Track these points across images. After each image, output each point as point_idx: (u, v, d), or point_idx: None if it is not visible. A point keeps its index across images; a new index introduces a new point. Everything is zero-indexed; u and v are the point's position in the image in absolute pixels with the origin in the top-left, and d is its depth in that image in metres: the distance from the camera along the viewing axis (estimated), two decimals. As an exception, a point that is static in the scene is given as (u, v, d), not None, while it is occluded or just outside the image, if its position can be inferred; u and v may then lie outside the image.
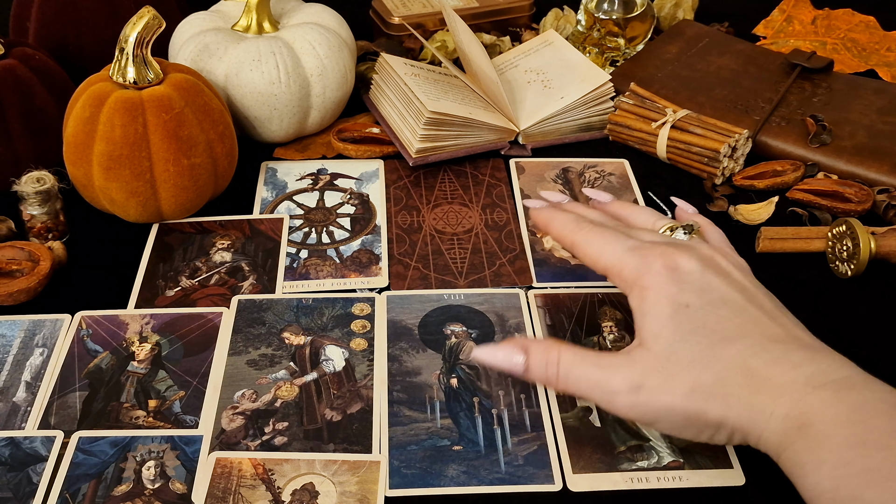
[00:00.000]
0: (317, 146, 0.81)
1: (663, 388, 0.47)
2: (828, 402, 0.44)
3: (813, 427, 0.44)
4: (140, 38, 0.65)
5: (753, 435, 0.46)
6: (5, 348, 0.60)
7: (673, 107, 0.78)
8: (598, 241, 0.54)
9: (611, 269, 0.53)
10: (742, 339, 0.48)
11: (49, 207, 0.67)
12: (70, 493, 0.51)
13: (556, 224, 0.57)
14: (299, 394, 0.58)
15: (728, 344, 0.47)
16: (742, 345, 0.47)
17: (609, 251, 0.53)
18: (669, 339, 0.48)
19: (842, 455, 0.42)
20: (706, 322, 0.48)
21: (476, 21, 0.93)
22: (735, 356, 0.47)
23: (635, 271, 0.51)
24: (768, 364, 0.46)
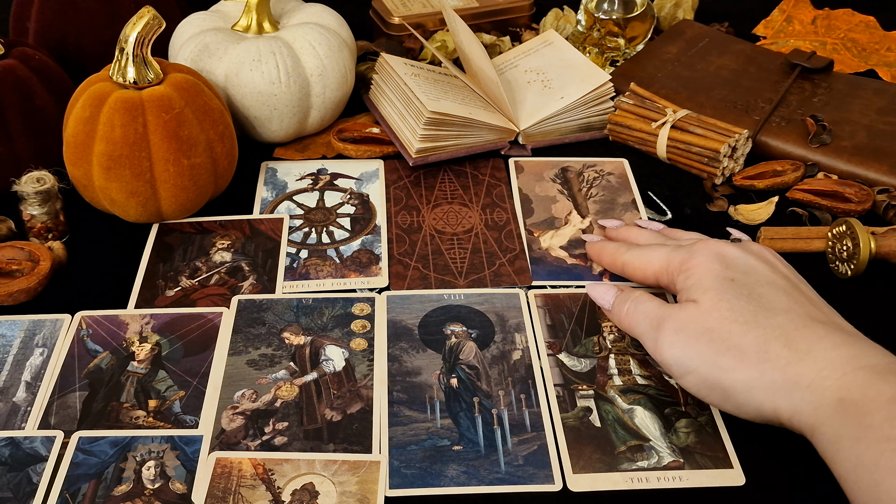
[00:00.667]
0: (317, 146, 0.81)
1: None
2: (869, 382, 0.45)
3: (854, 403, 0.45)
4: (140, 38, 0.65)
5: (786, 407, 0.47)
6: (5, 348, 0.60)
7: (673, 107, 0.78)
8: (645, 254, 0.59)
9: (659, 270, 0.57)
10: (786, 314, 0.50)
11: (49, 207, 0.67)
12: (70, 493, 0.51)
13: (606, 254, 0.63)
14: (299, 394, 0.58)
15: (771, 315, 0.50)
16: (785, 318, 0.49)
17: (656, 256, 0.58)
18: (715, 299, 0.51)
19: (884, 431, 0.43)
20: (751, 293, 0.51)
21: (476, 21, 0.93)
22: (777, 326, 0.49)
23: (682, 259, 0.55)
24: (810, 340, 0.48)
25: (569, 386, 0.58)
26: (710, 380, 0.50)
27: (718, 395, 0.50)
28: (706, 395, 0.51)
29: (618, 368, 0.59)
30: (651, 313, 0.55)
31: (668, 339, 0.52)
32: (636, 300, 0.57)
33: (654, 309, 0.55)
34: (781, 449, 0.54)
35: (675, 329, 0.52)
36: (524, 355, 0.60)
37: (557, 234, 0.71)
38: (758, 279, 0.52)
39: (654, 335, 0.54)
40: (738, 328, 0.50)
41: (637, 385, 0.58)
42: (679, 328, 0.52)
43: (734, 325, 0.50)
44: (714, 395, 0.51)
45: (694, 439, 0.55)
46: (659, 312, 0.54)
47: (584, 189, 0.76)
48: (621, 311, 0.58)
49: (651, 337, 0.54)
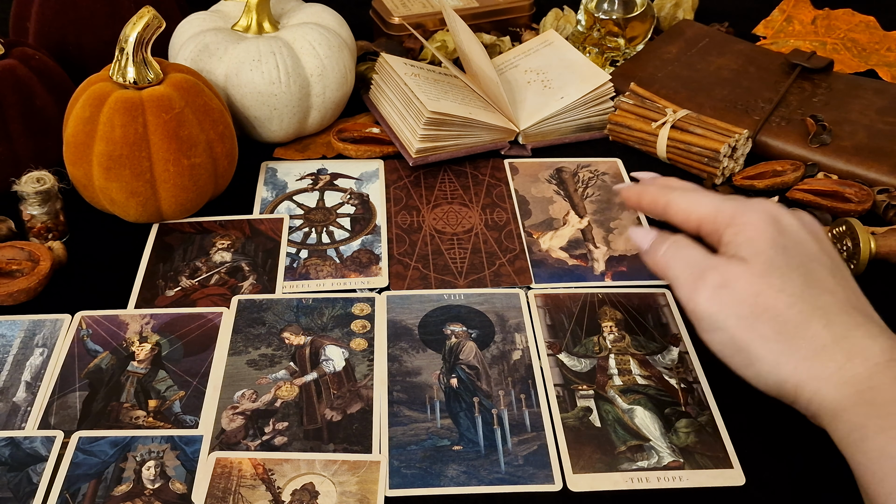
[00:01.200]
0: (317, 146, 0.81)
1: None
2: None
3: (880, 393, 0.45)
4: (140, 38, 0.65)
5: (810, 387, 0.47)
6: (5, 348, 0.60)
7: (673, 107, 0.78)
8: (694, 196, 0.55)
9: (706, 217, 0.54)
10: (831, 295, 0.49)
11: (49, 207, 0.67)
12: (70, 493, 0.51)
13: (648, 194, 0.59)
14: (299, 394, 0.58)
15: (818, 293, 0.49)
16: (830, 299, 0.49)
17: (706, 201, 0.54)
18: (767, 264, 0.49)
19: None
20: (801, 267, 0.50)
21: (476, 21, 0.93)
22: (821, 306, 0.48)
23: (733, 212, 0.52)
24: (848, 325, 0.48)
25: (569, 386, 0.58)
26: (740, 343, 0.49)
27: (742, 359, 0.50)
28: (728, 356, 0.50)
29: (618, 368, 0.59)
30: (693, 260, 0.52)
31: (708, 291, 0.50)
32: (676, 242, 0.54)
33: (697, 256, 0.52)
34: (781, 449, 0.54)
35: (718, 283, 0.50)
36: (524, 355, 0.60)
37: (556, 234, 0.71)
38: (808, 254, 0.51)
39: (693, 283, 0.51)
40: (784, 299, 0.48)
41: (637, 385, 0.58)
42: (722, 284, 0.50)
43: (781, 295, 0.48)
44: (737, 358, 0.50)
45: (694, 439, 0.55)
46: (703, 261, 0.51)
47: (581, 189, 0.76)
48: (657, 252, 0.54)
49: (688, 285, 0.51)
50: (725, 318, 0.49)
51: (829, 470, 0.53)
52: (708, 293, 0.50)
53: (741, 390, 0.58)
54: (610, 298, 0.65)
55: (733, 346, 0.50)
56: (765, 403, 0.57)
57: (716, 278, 0.50)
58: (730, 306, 0.49)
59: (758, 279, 0.49)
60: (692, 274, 0.51)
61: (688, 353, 0.61)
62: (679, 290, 0.52)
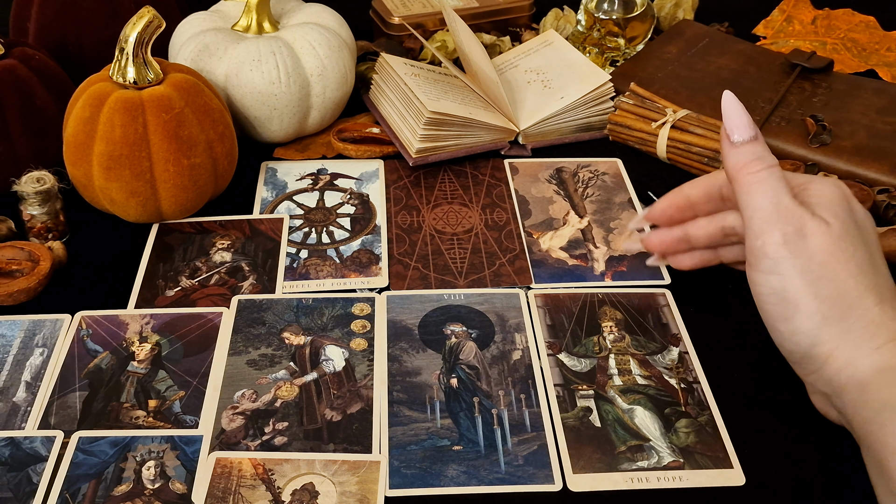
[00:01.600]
0: (317, 146, 0.81)
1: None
2: None
3: None
4: (140, 38, 0.65)
5: (846, 356, 0.48)
6: (5, 348, 0.60)
7: (673, 107, 0.78)
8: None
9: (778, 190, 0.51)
10: (885, 277, 0.50)
11: (49, 207, 0.67)
12: (70, 493, 0.51)
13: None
14: (299, 394, 0.58)
15: (877, 272, 0.49)
16: (884, 281, 0.49)
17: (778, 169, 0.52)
18: (843, 232, 0.49)
19: None
20: (865, 243, 0.50)
21: (476, 21, 0.93)
22: (877, 285, 0.49)
23: (805, 180, 0.52)
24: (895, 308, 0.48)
25: (569, 386, 0.58)
26: (792, 295, 0.49)
27: (784, 310, 0.49)
28: (770, 303, 0.50)
29: (618, 368, 0.59)
30: (781, 196, 0.49)
31: (783, 235, 0.49)
32: (775, 170, 0.50)
33: (786, 196, 0.50)
34: (781, 449, 0.54)
35: (796, 230, 0.49)
36: (524, 355, 0.60)
37: (556, 234, 0.71)
38: (870, 236, 0.51)
39: (771, 220, 0.49)
40: (851, 268, 0.48)
41: (637, 385, 0.58)
42: (800, 232, 0.49)
43: (849, 264, 0.49)
44: (779, 308, 0.50)
45: (694, 439, 0.55)
46: (790, 203, 0.49)
47: (580, 189, 0.76)
48: (749, 166, 0.51)
49: (765, 219, 0.49)
50: (790, 266, 0.49)
51: (830, 470, 0.53)
52: (782, 236, 0.49)
53: (741, 390, 0.58)
54: (610, 298, 0.65)
55: (783, 295, 0.49)
56: (765, 403, 0.57)
57: (796, 224, 0.49)
58: (799, 257, 0.49)
59: (834, 241, 0.49)
60: (775, 211, 0.49)
61: (688, 353, 0.61)
62: (752, 219, 0.50)
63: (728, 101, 0.52)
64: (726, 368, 0.60)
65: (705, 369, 0.59)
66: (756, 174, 0.50)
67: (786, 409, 0.57)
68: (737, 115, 0.51)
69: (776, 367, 0.60)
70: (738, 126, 0.51)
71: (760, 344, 0.61)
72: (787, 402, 0.57)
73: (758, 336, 0.62)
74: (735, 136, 0.51)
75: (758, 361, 0.60)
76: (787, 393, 0.58)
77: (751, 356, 0.60)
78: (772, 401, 0.57)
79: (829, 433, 0.55)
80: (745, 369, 0.60)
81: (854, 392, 0.47)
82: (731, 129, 0.51)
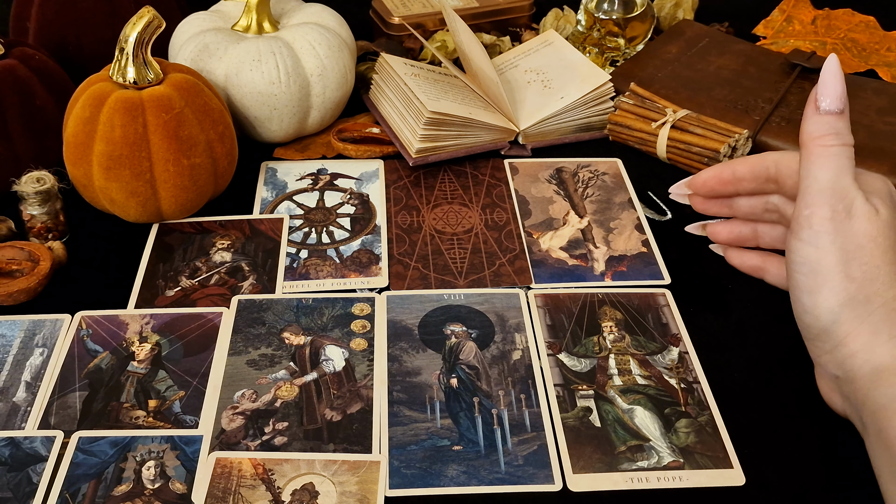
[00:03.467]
0: (317, 146, 0.81)
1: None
2: None
3: None
4: (140, 38, 0.65)
5: (864, 340, 0.48)
6: (5, 348, 0.60)
7: (673, 107, 0.78)
8: None
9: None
10: None
11: (49, 207, 0.67)
12: (70, 493, 0.51)
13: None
14: (299, 394, 0.58)
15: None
16: None
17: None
18: (890, 220, 0.49)
19: None
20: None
21: (476, 21, 0.93)
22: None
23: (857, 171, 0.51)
24: None
25: (569, 386, 0.58)
26: (825, 270, 0.49)
27: (812, 283, 0.50)
28: (800, 273, 0.50)
29: (618, 368, 0.59)
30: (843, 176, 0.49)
31: (833, 211, 0.49)
32: (847, 149, 0.50)
33: (848, 177, 0.50)
34: (781, 449, 0.54)
35: (846, 209, 0.49)
36: (524, 355, 0.60)
37: (556, 234, 0.71)
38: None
39: (828, 194, 0.49)
40: (889, 257, 0.49)
41: (637, 385, 0.58)
42: (849, 212, 0.49)
43: (887, 253, 0.49)
44: (807, 279, 0.50)
45: (694, 439, 0.55)
46: (850, 184, 0.50)
47: (581, 189, 0.76)
48: (825, 139, 0.50)
49: (821, 193, 0.50)
50: (831, 241, 0.49)
51: (830, 470, 0.53)
52: (831, 211, 0.49)
53: (741, 390, 0.58)
54: (610, 298, 0.65)
55: (815, 267, 0.49)
56: (765, 403, 0.57)
57: (847, 203, 0.49)
58: (841, 234, 0.49)
59: (879, 228, 0.49)
60: (832, 186, 0.49)
61: (688, 353, 0.61)
62: (808, 188, 0.50)
63: (829, 67, 0.51)
64: (726, 368, 0.60)
65: (705, 369, 0.59)
66: (828, 148, 0.50)
67: (786, 409, 0.57)
68: (833, 83, 0.50)
69: (776, 367, 0.60)
70: (829, 95, 0.50)
71: (760, 344, 0.62)
72: (787, 402, 0.57)
73: (758, 336, 0.62)
74: (824, 103, 0.50)
75: (758, 361, 0.60)
76: (787, 393, 0.58)
77: (751, 356, 0.61)
78: (772, 401, 0.57)
79: (829, 433, 0.55)
80: (745, 369, 0.60)
81: (867, 378, 0.48)
82: (822, 95, 0.51)
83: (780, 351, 0.61)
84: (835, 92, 0.50)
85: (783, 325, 0.62)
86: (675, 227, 0.71)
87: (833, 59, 0.51)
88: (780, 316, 0.63)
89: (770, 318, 0.63)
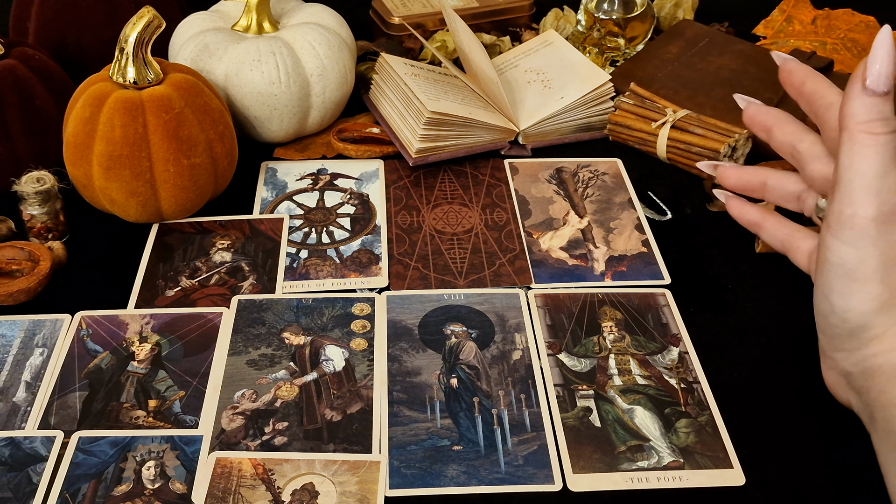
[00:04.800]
0: (317, 146, 0.81)
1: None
2: None
3: None
4: (140, 38, 0.65)
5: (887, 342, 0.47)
6: (5, 348, 0.60)
7: (673, 107, 0.78)
8: None
9: None
10: None
11: (49, 207, 0.67)
12: (70, 493, 0.51)
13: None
14: (299, 394, 0.58)
15: None
16: None
17: None
18: None
19: None
20: None
21: (476, 21, 0.93)
22: None
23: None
24: None
25: (569, 386, 0.58)
26: (863, 273, 0.46)
27: (845, 286, 0.47)
28: (834, 275, 0.47)
29: (618, 368, 0.59)
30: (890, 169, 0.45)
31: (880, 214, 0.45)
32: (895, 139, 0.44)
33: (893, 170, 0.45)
34: (781, 449, 0.54)
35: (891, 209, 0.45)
36: (524, 355, 0.60)
37: (556, 234, 0.71)
38: None
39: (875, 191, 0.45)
40: None
41: (637, 385, 0.58)
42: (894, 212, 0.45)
43: None
44: (841, 282, 0.47)
45: (694, 439, 0.55)
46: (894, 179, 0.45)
47: (581, 189, 0.76)
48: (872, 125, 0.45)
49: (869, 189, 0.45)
50: (872, 244, 0.45)
51: (830, 470, 0.53)
52: (878, 212, 0.45)
53: (741, 390, 0.58)
54: (610, 298, 0.65)
55: (851, 269, 0.46)
56: (765, 403, 0.57)
57: (893, 204, 0.45)
58: (885, 237, 0.45)
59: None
60: (879, 183, 0.45)
61: (688, 353, 0.61)
62: (851, 183, 0.45)
63: (882, 40, 0.44)
64: (726, 368, 0.60)
65: (705, 369, 0.59)
66: (875, 136, 0.44)
67: (786, 409, 0.57)
68: (884, 59, 0.44)
69: (776, 367, 0.60)
70: (880, 73, 0.44)
71: (760, 344, 0.62)
72: (787, 402, 0.57)
73: (758, 336, 0.62)
74: (871, 80, 0.44)
75: (758, 361, 0.60)
76: (787, 393, 0.58)
77: (751, 356, 0.61)
78: (772, 401, 0.57)
79: (829, 433, 0.55)
80: (745, 369, 0.60)
81: (887, 376, 0.46)
82: (871, 70, 0.44)
83: (780, 351, 0.61)
84: (885, 70, 0.44)
85: (783, 325, 0.62)
86: (675, 227, 0.71)
87: (886, 32, 0.44)
88: (780, 316, 0.63)
89: (770, 318, 0.63)
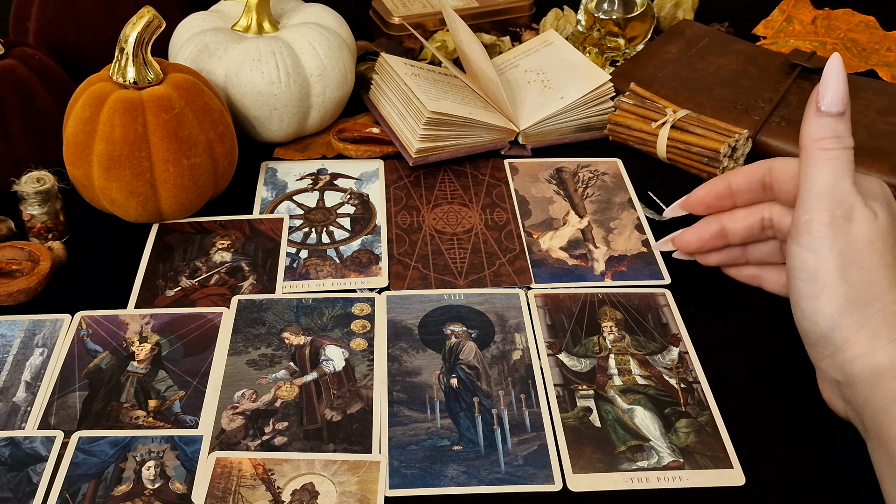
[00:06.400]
0: (317, 146, 0.81)
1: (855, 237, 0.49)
2: None
3: None
4: (140, 38, 0.65)
5: (861, 346, 0.48)
6: (5, 348, 0.60)
7: (673, 107, 0.78)
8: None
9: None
10: None
11: (49, 207, 0.67)
12: (70, 493, 0.51)
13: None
14: (299, 394, 0.58)
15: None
16: None
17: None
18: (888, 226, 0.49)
19: None
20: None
21: (476, 21, 0.93)
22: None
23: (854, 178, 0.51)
24: None
25: (569, 386, 0.58)
26: (824, 276, 0.49)
27: (811, 289, 0.50)
28: (800, 280, 0.50)
29: (618, 368, 0.59)
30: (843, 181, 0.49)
31: (831, 216, 0.49)
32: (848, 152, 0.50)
33: (847, 181, 0.49)
34: (781, 449, 0.54)
35: (844, 214, 0.49)
36: (524, 355, 0.60)
37: (556, 234, 0.71)
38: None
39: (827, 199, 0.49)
40: (885, 262, 0.49)
41: (637, 385, 0.58)
42: (847, 217, 0.49)
43: (884, 258, 0.49)
44: (807, 286, 0.50)
45: (694, 439, 0.55)
46: (848, 188, 0.49)
47: (581, 189, 0.76)
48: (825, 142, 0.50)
49: (820, 197, 0.49)
50: (829, 246, 0.49)
51: (830, 470, 0.53)
52: (830, 217, 0.49)
53: (741, 390, 0.58)
54: (610, 298, 0.65)
55: (814, 273, 0.49)
56: (765, 403, 0.57)
57: (845, 208, 0.49)
58: (840, 239, 0.49)
59: (877, 233, 0.49)
60: (831, 191, 0.49)
61: (688, 353, 0.61)
62: (808, 193, 0.50)
63: (832, 67, 0.50)
64: (726, 368, 0.60)
65: (705, 369, 0.59)
66: (828, 151, 0.49)
67: (786, 409, 0.57)
68: (835, 84, 0.50)
69: (776, 367, 0.60)
70: (831, 96, 0.50)
71: (760, 344, 0.62)
72: (787, 402, 0.57)
73: (758, 336, 0.62)
74: (824, 103, 0.50)
75: (758, 361, 0.60)
76: (787, 393, 0.58)
77: (751, 356, 0.61)
78: (772, 401, 0.57)
79: (829, 433, 0.55)
80: (745, 369, 0.60)
81: (867, 382, 0.48)
82: (823, 95, 0.50)
83: (780, 351, 0.61)
84: (837, 93, 0.50)
85: (783, 325, 0.62)
86: (675, 228, 0.71)
87: (836, 59, 0.50)
88: (780, 316, 0.63)
89: (770, 318, 0.63)
